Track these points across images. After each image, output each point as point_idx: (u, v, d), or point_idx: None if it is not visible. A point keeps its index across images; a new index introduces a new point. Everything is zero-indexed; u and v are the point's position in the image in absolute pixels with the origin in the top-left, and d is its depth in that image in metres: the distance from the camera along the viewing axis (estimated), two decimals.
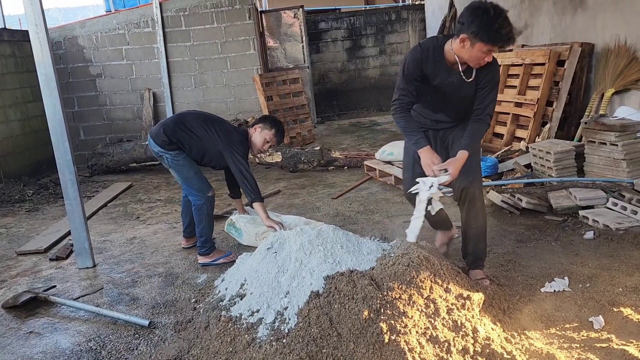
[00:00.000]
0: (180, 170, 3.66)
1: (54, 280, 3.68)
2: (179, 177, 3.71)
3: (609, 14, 5.09)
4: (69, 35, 8.08)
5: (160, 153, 3.64)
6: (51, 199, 6.11)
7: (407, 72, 2.83)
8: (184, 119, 3.70)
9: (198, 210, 3.69)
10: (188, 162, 3.66)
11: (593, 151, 4.41)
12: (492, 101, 2.86)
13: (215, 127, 3.65)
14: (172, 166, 3.67)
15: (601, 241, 3.44)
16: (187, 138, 3.62)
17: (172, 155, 3.62)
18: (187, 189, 3.74)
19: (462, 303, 2.41)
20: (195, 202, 3.68)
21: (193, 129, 3.63)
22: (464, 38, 2.62)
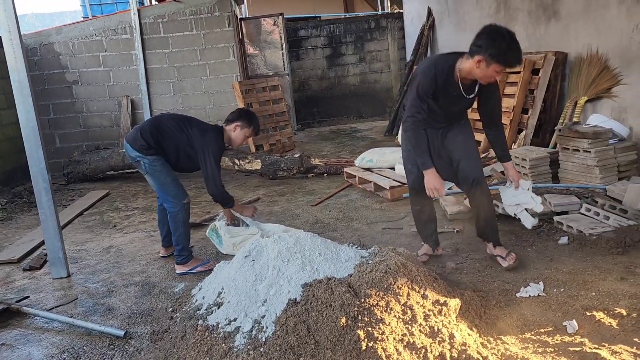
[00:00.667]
0: (157, 176, 3.62)
1: (27, 291, 3.60)
2: (155, 184, 3.67)
3: (581, 24, 5.21)
4: (44, 42, 7.97)
5: (137, 158, 3.59)
6: (25, 207, 6.00)
7: (421, 91, 3.05)
8: (160, 121, 3.69)
9: (174, 217, 3.65)
10: (165, 168, 3.63)
11: (567, 158, 4.49)
12: (500, 109, 3.34)
13: (191, 126, 3.66)
14: (149, 172, 3.62)
15: (575, 246, 3.50)
16: (164, 140, 3.60)
17: (150, 161, 3.58)
18: (163, 195, 3.70)
19: (439, 309, 2.43)
20: (171, 210, 3.65)
21: (170, 130, 3.62)
22: (480, 59, 2.87)
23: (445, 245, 3.75)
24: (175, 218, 3.65)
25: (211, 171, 3.58)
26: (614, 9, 4.68)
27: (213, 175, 3.58)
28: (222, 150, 3.72)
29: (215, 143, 3.63)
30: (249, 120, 3.77)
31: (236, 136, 3.75)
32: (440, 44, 9.24)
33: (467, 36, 8.20)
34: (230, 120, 3.78)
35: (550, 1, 5.67)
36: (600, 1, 4.86)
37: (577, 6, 5.21)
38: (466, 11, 7.93)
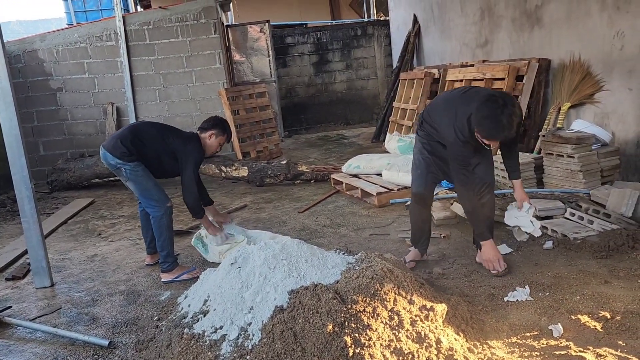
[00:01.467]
0: (139, 181, 3.62)
1: (10, 301, 3.54)
2: (138, 189, 3.66)
3: (563, 31, 5.28)
4: (28, 49, 7.89)
5: (118, 165, 3.58)
6: (8, 216, 5.92)
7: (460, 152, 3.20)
8: (139, 129, 3.70)
9: (158, 221, 3.64)
10: (146, 173, 3.64)
11: (551, 163, 4.54)
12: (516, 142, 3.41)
13: (171, 135, 3.71)
14: (130, 178, 3.61)
15: (560, 250, 3.53)
16: (144, 148, 3.62)
17: (131, 167, 3.58)
18: (146, 200, 3.69)
19: (426, 314, 2.43)
20: (155, 214, 3.64)
21: (150, 138, 3.65)
22: (476, 131, 3.03)
23: (431, 250, 3.76)
24: (159, 222, 3.64)
25: (189, 180, 3.65)
26: (596, 16, 4.76)
27: (190, 184, 3.66)
28: (202, 159, 3.80)
29: (198, 153, 3.71)
30: (223, 128, 3.86)
31: (211, 144, 3.82)
32: (426, 51, 9.32)
33: (452, 43, 8.34)
34: (205, 128, 3.83)
35: (534, 8, 5.74)
36: (582, 9, 4.94)
37: (560, 14, 5.29)
38: (451, 18, 8.01)
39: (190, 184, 3.66)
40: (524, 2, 5.93)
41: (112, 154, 3.57)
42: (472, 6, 7.24)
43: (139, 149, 3.60)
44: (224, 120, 3.97)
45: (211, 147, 3.84)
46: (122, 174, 3.63)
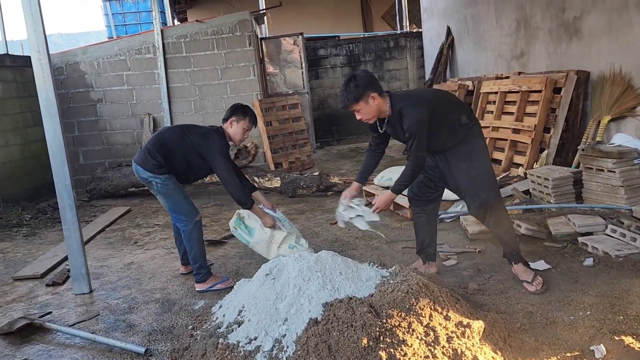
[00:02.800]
0: (170, 195, 3.64)
1: (50, 306, 3.64)
2: (169, 203, 3.68)
3: (603, 42, 5.17)
4: (70, 61, 8.17)
5: (149, 179, 3.61)
6: (49, 223, 6.10)
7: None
8: (162, 137, 3.70)
9: (188, 235, 3.67)
10: (177, 187, 3.66)
11: (591, 178, 4.42)
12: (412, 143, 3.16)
13: (191, 133, 3.68)
14: (161, 191, 3.63)
15: (601, 268, 3.42)
16: (171, 155, 3.62)
17: (161, 180, 3.60)
18: (176, 215, 3.71)
19: (462, 331, 2.39)
20: (184, 228, 3.68)
21: (174, 143, 3.65)
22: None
23: (466, 265, 3.71)
24: (189, 236, 3.67)
25: (224, 172, 3.60)
26: (638, 27, 4.65)
27: (226, 176, 3.61)
28: (228, 149, 3.71)
29: (219, 144, 3.64)
30: (243, 111, 3.78)
31: (235, 132, 3.76)
32: (460, 62, 9.25)
33: (487, 55, 8.26)
34: (225, 118, 3.80)
35: (572, 20, 5.64)
36: (623, 20, 4.83)
37: (600, 25, 5.18)
38: (486, 30, 7.94)
39: (227, 176, 3.61)
40: (561, 13, 5.83)
41: (144, 168, 3.60)
42: (507, 17, 7.16)
43: (167, 158, 3.61)
44: (242, 105, 3.89)
45: (236, 135, 3.77)
46: (153, 187, 3.65)
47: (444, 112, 3.21)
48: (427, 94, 3.54)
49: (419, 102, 3.18)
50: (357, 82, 3.12)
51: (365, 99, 3.15)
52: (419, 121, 3.10)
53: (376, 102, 3.17)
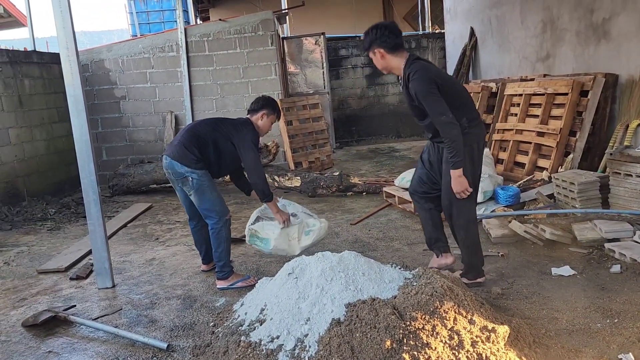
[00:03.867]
0: (204, 191, 3.63)
1: (74, 300, 3.69)
2: (201, 199, 3.65)
3: (633, 44, 5.06)
4: (96, 59, 8.28)
5: (187, 174, 3.59)
6: (73, 218, 6.18)
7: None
8: (197, 129, 3.73)
9: (217, 233, 3.67)
10: (212, 183, 3.69)
11: (618, 183, 4.33)
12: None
13: (224, 125, 3.75)
14: (195, 187, 3.61)
15: (629, 275, 3.35)
16: (205, 147, 3.67)
17: (198, 175, 3.60)
18: (207, 211, 3.68)
19: (487, 336, 2.35)
20: (214, 226, 3.67)
21: (207, 135, 3.69)
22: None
23: (489, 269, 3.66)
24: (218, 234, 3.67)
25: (253, 162, 3.68)
26: None
27: (255, 165, 3.69)
28: (258, 140, 3.84)
29: (252, 134, 3.73)
30: (273, 107, 3.89)
31: (263, 124, 3.85)
32: (483, 64, 9.15)
33: (511, 57, 8.16)
34: (255, 110, 3.86)
35: (601, 21, 5.54)
36: None
37: (630, 27, 5.08)
38: (510, 31, 7.84)
39: (255, 166, 3.68)
40: (589, 14, 5.73)
41: (181, 162, 3.58)
42: (533, 19, 7.06)
43: (202, 151, 3.64)
44: (272, 99, 3.98)
45: (264, 128, 3.87)
46: (188, 183, 3.61)
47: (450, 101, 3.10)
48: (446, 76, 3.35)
49: (428, 72, 3.09)
50: (367, 34, 3.20)
51: (372, 51, 3.21)
52: (424, 84, 3.04)
53: (382, 58, 3.19)
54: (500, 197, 4.88)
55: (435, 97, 3.03)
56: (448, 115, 3.05)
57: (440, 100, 3.05)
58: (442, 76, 3.22)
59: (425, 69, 3.10)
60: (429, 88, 3.04)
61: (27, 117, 7.12)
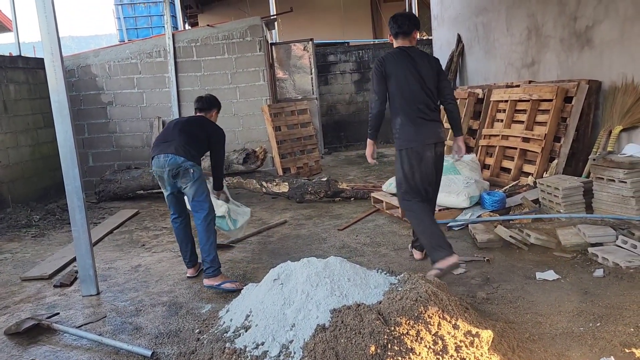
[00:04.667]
0: (201, 183, 3.84)
1: (58, 307, 3.65)
2: (197, 191, 3.80)
3: (615, 52, 5.14)
4: (82, 64, 8.24)
5: (190, 167, 3.78)
6: (57, 224, 6.12)
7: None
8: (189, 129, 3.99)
9: (207, 225, 3.79)
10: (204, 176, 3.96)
11: (601, 188, 4.39)
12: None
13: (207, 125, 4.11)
14: (196, 179, 3.79)
15: (611, 279, 3.39)
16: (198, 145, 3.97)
17: (199, 169, 3.85)
18: (199, 203, 3.81)
19: (471, 340, 2.37)
20: (205, 218, 3.79)
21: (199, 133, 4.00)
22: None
23: (475, 274, 3.68)
24: (208, 226, 3.79)
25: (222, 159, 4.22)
26: None
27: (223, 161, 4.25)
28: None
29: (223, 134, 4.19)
30: (219, 103, 4.32)
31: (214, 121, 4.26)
32: (470, 70, 9.23)
33: (497, 63, 8.25)
34: (206, 108, 4.21)
35: (584, 29, 5.62)
36: (636, 30, 4.80)
37: (612, 34, 5.16)
38: (496, 38, 7.92)
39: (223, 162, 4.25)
40: (573, 22, 5.81)
41: (185, 157, 3.76)
42: (518, 26, 7.14)
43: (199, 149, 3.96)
44: (212, 96, 4.33)
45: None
46: (189, 175, 3.77)
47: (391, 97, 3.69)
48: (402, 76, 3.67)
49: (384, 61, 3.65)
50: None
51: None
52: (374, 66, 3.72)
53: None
54: (487, 202, 4.92)
55: (376, 80, 3.67)
56: (376, 98, 3.69)
57: (380, 84, 3.65)
58: (397, 73, 3.62)
59: (385, 58, 3.65)
60: (374, 71, 3.70)
61: (12, 122, 7.06)
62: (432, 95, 3.69)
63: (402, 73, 3.61)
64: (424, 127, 3.63)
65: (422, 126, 3.63)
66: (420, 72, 3.63)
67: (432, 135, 3.66)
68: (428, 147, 3.63)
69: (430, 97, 3.67)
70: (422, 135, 3.62)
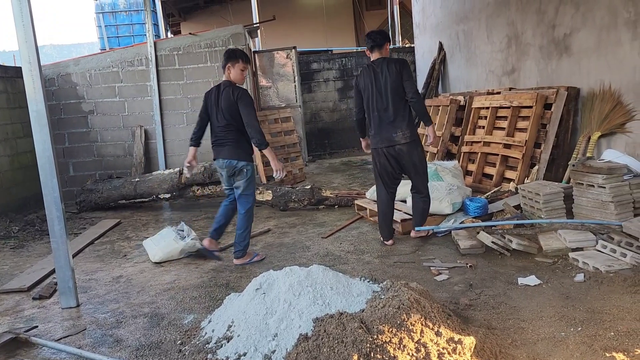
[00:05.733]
0: (252, 181, 4.36)
1: (36, 320, 3.58)
2: (248, 184, 4.33)
3: (593, 59, 5.23)
4: (62, 72, 8.15)
5: (244, 167, 4.28)
6: (37, 235, 6.02)
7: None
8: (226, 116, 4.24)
9: (248, 216, 4.36)
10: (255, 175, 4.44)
11: (581, 193, 4.44)
12: None
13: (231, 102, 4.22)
14: (248, 177, 4.31)
15: (591, 284, 3.43)
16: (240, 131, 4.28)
17: (251, 167, 4.34)
18: (248, 197, 4.37)
19: (454, 347, 2.37)
20: (248, 209, 4.35)
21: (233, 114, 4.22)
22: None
23: (458, 280, 3.70)
24: (249, 217, 4.36)
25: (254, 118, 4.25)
26: (627, 45, 4.71)
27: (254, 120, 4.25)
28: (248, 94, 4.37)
29: (246, 94, 4.29)
30: (229, 55, 4.31)
31: (234, 76, 4.30)
32: (451, 78, 9.32)
33: (478, 71, 8.34)
34: (223, 65, 4.33)
35: (562, 37, 5.72)
36: (612, 38, 4.90)
37: (589, 42, 5.25)
38: (477, 46, 8.02)
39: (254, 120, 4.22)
40: (552, 30, 5.91)
41: (239, 159, 4.26)
42: (498, 34, 7.24)
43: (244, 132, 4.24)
44: (231, 49, 4.47)
45: (236, 78, 4.31)
46: (243, 174, 4.29)
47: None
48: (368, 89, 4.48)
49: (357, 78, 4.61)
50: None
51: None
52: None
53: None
54: (469, 209, 4.95)
55: (354, 93, 4.66)
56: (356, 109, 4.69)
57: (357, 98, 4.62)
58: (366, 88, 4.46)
59: (358, 75, 4.56)
60: (354, 86, 4.66)
61: None
62: (393, 101, 4.35)
63: (369, 87, 4.42)
64: (380, 133, 4.43)
65: (379, 132, 4.43)
66: (380, 83, 4.38)
67: (385, 140, 4.42)
68: (383, 150, 4.45)
69: (389, 103, 4.35)
70: (378, 139, 4.46)
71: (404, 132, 4.35)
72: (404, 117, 4.36)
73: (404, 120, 4.35)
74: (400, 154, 4.41)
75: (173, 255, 4.67)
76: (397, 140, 4.36)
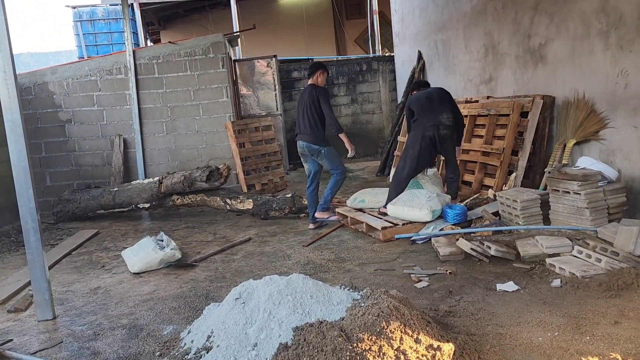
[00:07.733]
0: (332, 156, 5.55)
1: (11, 334, 3.51)
2: (330, 162, 5.56)
3: (567, 69, 5.35)
4: (39, 81, 8.04)
5: (320, 148, 5.52)
6: (12, 247, 5.91)
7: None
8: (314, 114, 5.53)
9: (337, 181, 5.66)
10: (335, 151, 5.59)
11: (557, 200, 4.52)
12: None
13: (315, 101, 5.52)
14: (326, 156, 5.52)
15: (568, 289, 3.48)
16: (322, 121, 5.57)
17: (327, 149, 5.51)
18: (335, 169, 5.61)
19: (433, 354, 2.39)
20: (339, 177, 5.66)
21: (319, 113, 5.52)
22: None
23: (437, 287, 3.72)
24: (337, 181, 5.65)
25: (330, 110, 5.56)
26: (599, 55, 4.82)
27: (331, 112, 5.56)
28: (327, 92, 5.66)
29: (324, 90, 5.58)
30: (323, 67, 5.65)
31: (322, 81, 5.64)
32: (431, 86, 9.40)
33: (457, 79, 8.44)
34: (311, 73, 5.64)
35: (537, 46, 5.83)
36: (585, 48, 5.01)
37: (564, 52, 5.37)
38: (455, 55, 8.13)
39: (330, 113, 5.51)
40: (527, 40, 6.02)
41: (314, 142, 5.49)
42: (476, 43, 7.35)
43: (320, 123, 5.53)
44: (317, 62, 5.87)
45: (322, 82, 5.64)
46: (321, 154, 5.53)
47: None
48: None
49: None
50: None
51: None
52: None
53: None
54: (449, 216, 5.00)
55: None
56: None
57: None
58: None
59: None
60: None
61: None
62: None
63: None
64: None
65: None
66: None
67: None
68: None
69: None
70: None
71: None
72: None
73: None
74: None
75: (152, 265, 4.62)
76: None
